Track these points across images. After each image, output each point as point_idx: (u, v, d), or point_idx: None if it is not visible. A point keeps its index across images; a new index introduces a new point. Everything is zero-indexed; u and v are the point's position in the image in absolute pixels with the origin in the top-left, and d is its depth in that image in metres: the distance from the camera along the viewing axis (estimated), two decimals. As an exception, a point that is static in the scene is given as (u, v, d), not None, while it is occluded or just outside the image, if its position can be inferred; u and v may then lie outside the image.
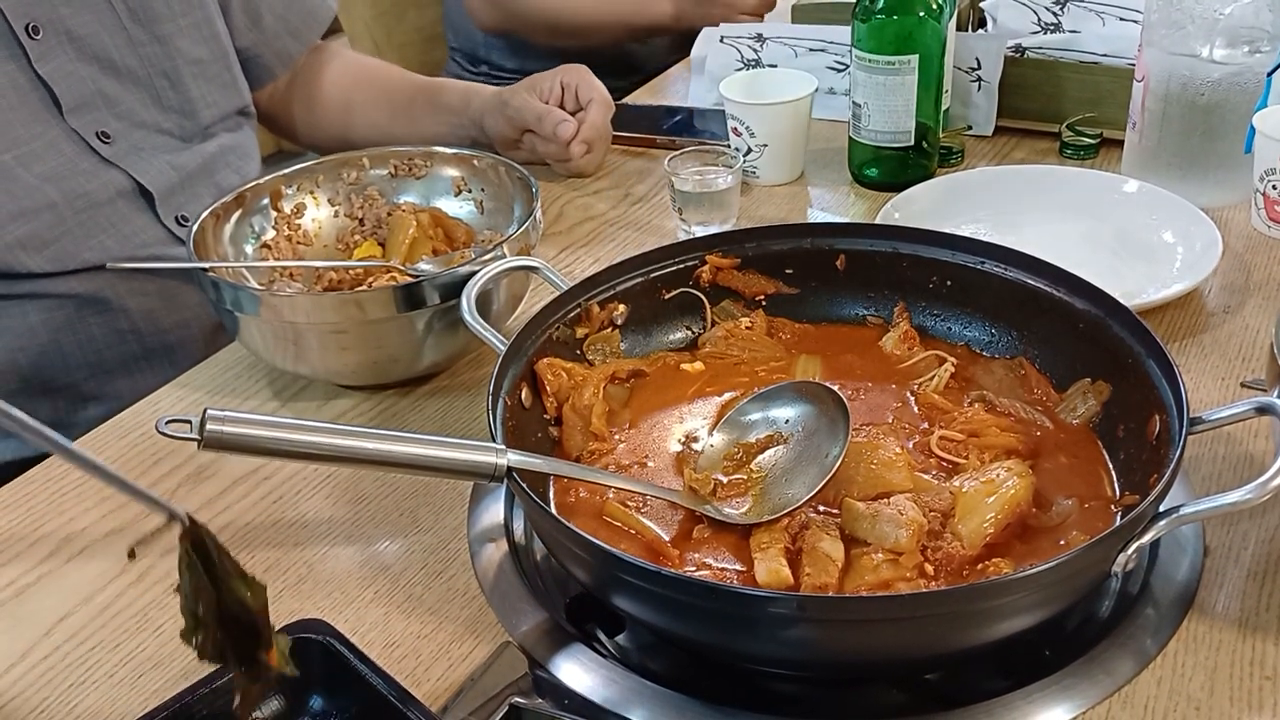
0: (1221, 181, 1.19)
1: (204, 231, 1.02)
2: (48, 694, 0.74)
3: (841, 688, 0.73)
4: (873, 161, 1.31)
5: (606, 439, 0.86)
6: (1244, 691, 0.68)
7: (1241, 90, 1.15)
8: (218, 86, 1.27)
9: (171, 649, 0.76)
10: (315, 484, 0.91)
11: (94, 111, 1.15)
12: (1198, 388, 0.94)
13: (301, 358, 0.97)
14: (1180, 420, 0.71)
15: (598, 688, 0.70)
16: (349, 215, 1.14)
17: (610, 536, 0.76)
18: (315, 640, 0.67)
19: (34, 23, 1.10)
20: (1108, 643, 0.71)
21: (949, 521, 0.73)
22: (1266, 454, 0.85)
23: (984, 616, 0.64)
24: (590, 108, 1.30)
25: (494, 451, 0.71)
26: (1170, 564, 0.76)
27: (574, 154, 1.31)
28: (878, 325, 0.95)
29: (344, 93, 1.44)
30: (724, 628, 0.65)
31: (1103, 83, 1.32)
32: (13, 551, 0.86)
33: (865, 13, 1.22)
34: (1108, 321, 0.82)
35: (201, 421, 0.66)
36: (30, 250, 1.09)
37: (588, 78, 1.32)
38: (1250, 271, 1.10)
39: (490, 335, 0.86)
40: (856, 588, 0.70)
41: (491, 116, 1.32)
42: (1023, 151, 1.37)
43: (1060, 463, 0.81)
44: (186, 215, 1.20)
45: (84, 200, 1.12)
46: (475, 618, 0.77)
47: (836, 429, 0.78)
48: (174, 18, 1.21)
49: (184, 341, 1.20)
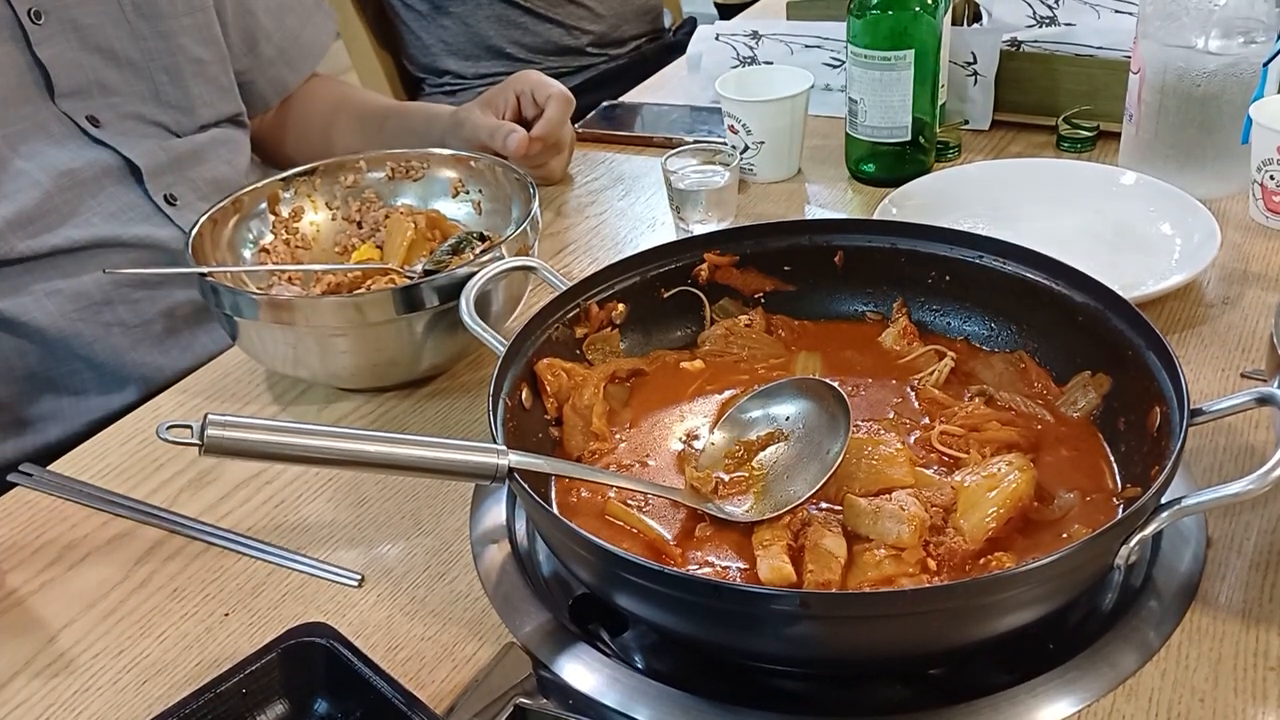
0: (1219, 173, 1.19)
1: (202, 236, 1.02)
2: (52, 700, 0.74)
3: (845, 684, 0.73)
4: (870, 157, 1.31)
5: (607, 438, 0.86)
6: (1248, 682, 0.68)
7: (1238, 81, 1.15)
8: (216, 89, 1.27)
9: (175, 655, 0.76)
10: (317, 488, 0.91)
11: (88, 98, 1.16)
12: (1198, 379, 0.94)
13: (301, 361, 0.97)
14: (1181, 412, 0.71)
15: (602, 687, 0.70)
16: (347, 218, 1.14)
17: (612, 536, 0.76)
18: (319, 644, 0.67)
19: (37, 8, 1.11)
20: (1111, 635, 0.71)
21: (951, 516, 0.73)
22: (1267, 444, 0.85)
23: (987, 611, 0.64)
24: (548, 105, 1.28)
25: (495, 452, 0.71)
26: (1173, 556, 0.76)
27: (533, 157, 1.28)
28: (877, 321, 0.95)
29: (324, 118, 1.44)
30: (727, 626, 0.65)
31: (1099, 75, 1.32)
32: (16, 559, 0.86)
33: (860, 8, 1.22)
34: (1107, 314, 0.82)
35: (202, 427, 0.66)
36: (16, 229, 1.09)
37: (539, 80, 1.30)
38: (1249, 262, 1.10)
39: (490, 336, 0.86)
40: (859, 584, 0.70)
41: (451, 137, 1.31)
42: (1020, 145, 1.37)
43: (1061, 456, 0.81)
44: (175, 195, 1.20)
45: (69, 178, 1.13)
46: (478, 619, 0.77)
47: (837, 425, 0.78)
48: (177, 15, 1.22)
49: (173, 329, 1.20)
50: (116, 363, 1.15)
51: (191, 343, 1.20)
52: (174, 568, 0.84)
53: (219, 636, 0.78)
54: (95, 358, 1.14)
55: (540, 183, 1.34)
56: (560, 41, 2.12)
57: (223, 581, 0.82)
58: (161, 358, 1.18)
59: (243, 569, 0.83)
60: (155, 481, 0.93)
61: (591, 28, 2.14)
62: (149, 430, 0.99)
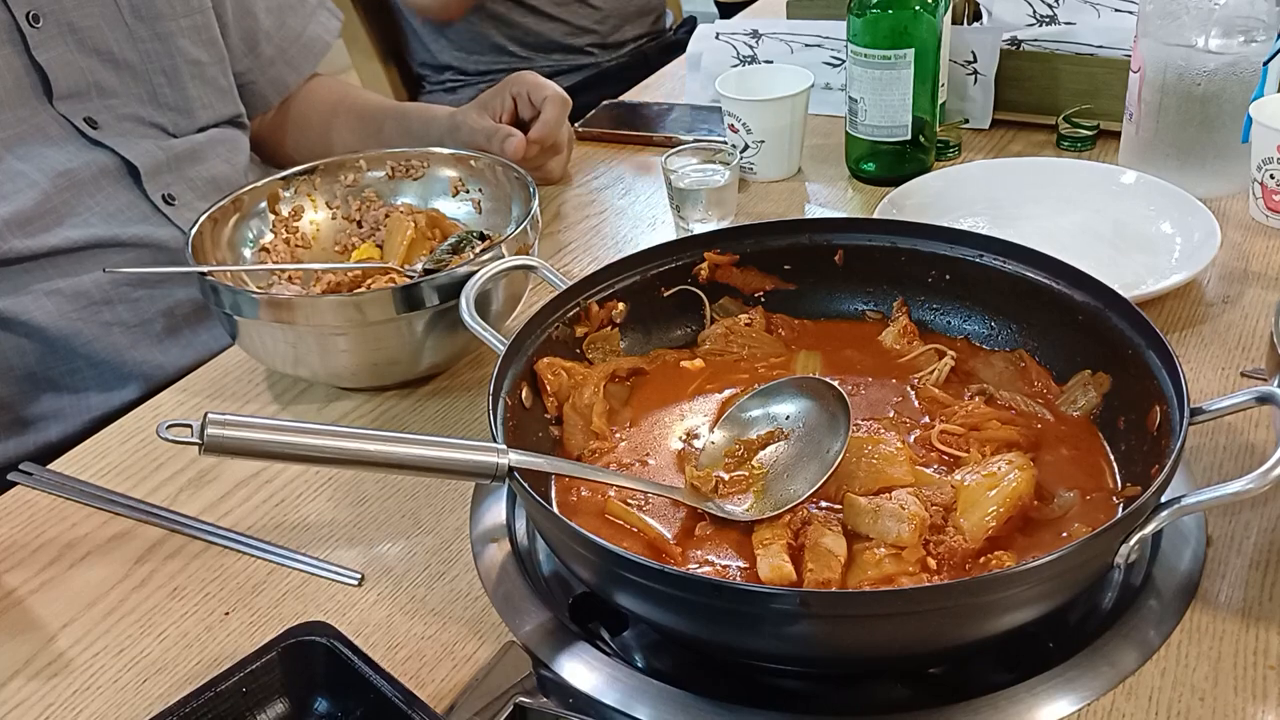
0: (1219, 171, 1.19)
1: (202, 236, 1.02)
2: (52, 700, 0.74)
3: (845, 683, 0.73)
4: (870, 156, 1.31)
5: (607, 437, 0.86)
6: (1248, 681, 0.68)
7: (1238, 80, 1.15)
8: (214, 91, 1.27)
9: (175, 653, 0.76)
10: (317, 487, 0.91)
11: (86, 100, 1.16)
12: (1198, 378, 0.94)
13: (301, 360, 0.97)
14: (1181, 411, 0.71)
15: (602, 686, 0.70)
16: (347, 218, 1.14)
17: (612, 535, 0.76)
18: (319, 643, 0.67)
19: (35, 11, 1.11)
20: (1111, 634, 0.71)
21: (951, 515, 0.73)
22: (1267, 443, 0.85)
23: (987, 610, 0.64)
24: (544, 107, 1.28)
25: (495, 451, 0.71)
26: (1173, 554, 0.76)
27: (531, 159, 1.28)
28: (877, 320, 0.95)
29: (324, 119, 1.44)
30: (727, 625, 0.65)
31: (1099, 74, 1.32)
32: (16, 558, 0.86)
33: (860, 7, 1.22)
34: (1107, 313, 0.82)
35: (202, 426, 0.66)
36: (13, 229, 1.09)
37: (535, 81, 1.29)
38: (1249, 261, 1.10)
39: (490, 335, 0.86)
40: (859, 583, 0.70)
41: (448, 139, 1.31)
42: (1020, 144, 1.37)
43: (1061, 455, 0.81)
44: (173, 195, 1.20)
45: (66, 179, 1.13)
46: (478, 618, 0.77)
47: (837, 424, 0.78)
48: (175, 17, 1.22)
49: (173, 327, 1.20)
50: (116, 362, 1.15)
51: (191, 342, 1.20)
52: (174, 567, 0.84)
53: (219, 635, 0.78)
54: (95, 357, 1.14)
55: (539, 183, 1.33)
56: (562, 40, 2.13)
57: (223, 580, 0.82)
58: (161, 357, 1.18)
59: (243, 568, 0.83)
60: (155, 480, 0.93)
61: (593, 26, 2.14)
62: (149, 429, 0.99)
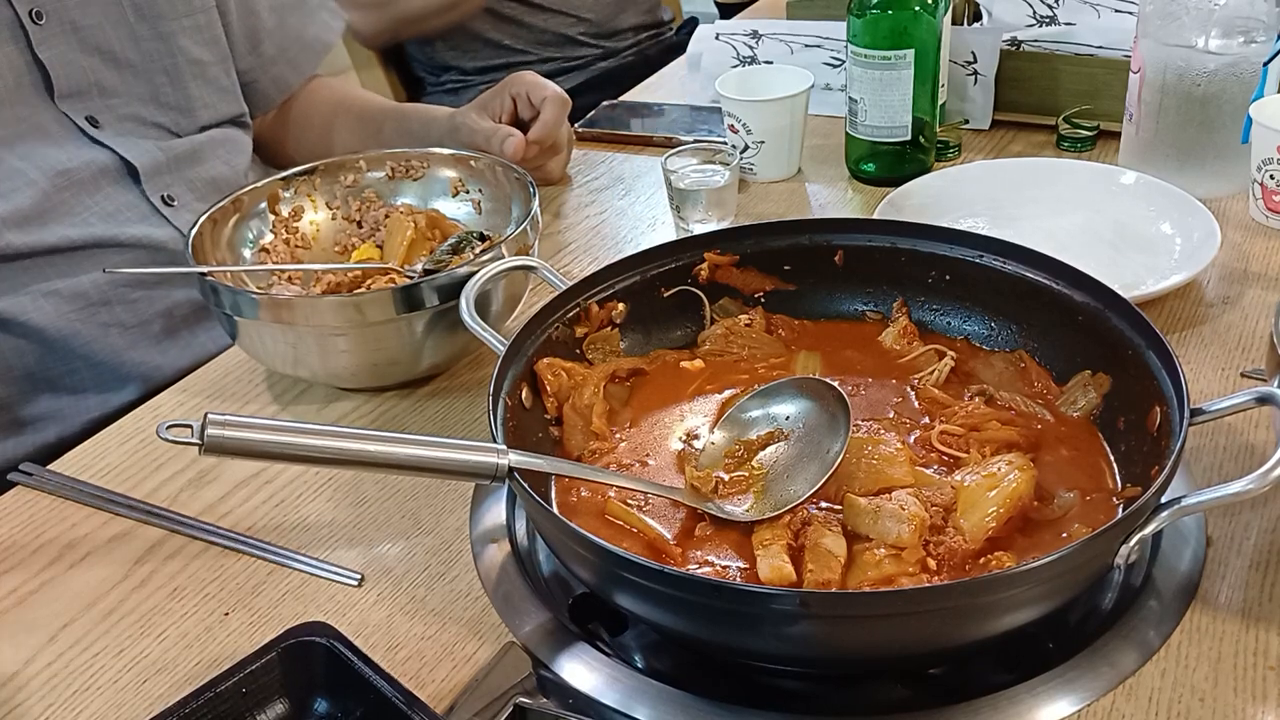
0: (1219, 172, 1.19)
1: (202, 236, 1.02)
2: (52, 700, 0.74)
3: (845, 683, 0.73)
4: (870, 157, 1.31)
5: (607, 438, 0.86)
6: (1248, 681, 0.68)
7: (1238, 80, 1.15)
8: (216, 90, 1.27)
9: (175, 654, 0.76)
10: (317, 487, 0.91)
11: (87, 99, 1.16)
12: (1198, 378, 0.94)
13: (301, 361, 0.97)
14: (1181, 411, 0.71)
15: (602, 687, 0.70)
16: (347, 218, 1.14)
17: (612, 535, 0.76)
18: (319, 643, 0.67)
19: (38, 8, 1.11)
20: (1111, 635, 0.71)
21: (951, 516, 0.73)
22: (1267, 444, 0.85)
23: (987, 610, 0.64)
24: (544, 108, 1.28)
25: (495, 452, 0.71)
26: (1172, 555, 0.76)
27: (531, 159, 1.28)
28: (877, 320, 0.95)
29: (324, 119, 1.45)
30: (727, 625, 0.65)
31: (1099, 75, 1.32)
32: (15, 558, 0.86)
33: (860, 7, 1.22)
34: (1107, 313, 0.82)
35: (202, 426, 0.66)
36: (11, 226, 1.09)
37: (535, 81, 1.29)
38: (1249, 261, 1.10)
39: (489, 336, 0.86)
40: (859, 583, 0.70)
41: (448, 140, 1.31)
42: (1020, 144, 1.37)
43: (1061, 455, 0.81)
44: (172, 196, 1.20)
45: (65, 178, 1.13)
46: (478, 619, 0.77)
47: (837, 425, 0.78)
48: (177, 16, 1.22)
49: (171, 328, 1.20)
50: (115, 362, 1.15)
51: (190, 343, 1.20)
52: (174, 567, 0.84)
53: (219, 636, 0.78)
54: (93, 358, 1.14)
55: (539, 183, 1.33)
56: (557, 31, 2.13)
57: (223, 581, 0.82)
58: (160, 358, 1.18)
59: (243, 568, 0.83)
60: (155, 481, 0.93)
61: (586, 14, 2.15)
62: (149, 430, 0.99)
